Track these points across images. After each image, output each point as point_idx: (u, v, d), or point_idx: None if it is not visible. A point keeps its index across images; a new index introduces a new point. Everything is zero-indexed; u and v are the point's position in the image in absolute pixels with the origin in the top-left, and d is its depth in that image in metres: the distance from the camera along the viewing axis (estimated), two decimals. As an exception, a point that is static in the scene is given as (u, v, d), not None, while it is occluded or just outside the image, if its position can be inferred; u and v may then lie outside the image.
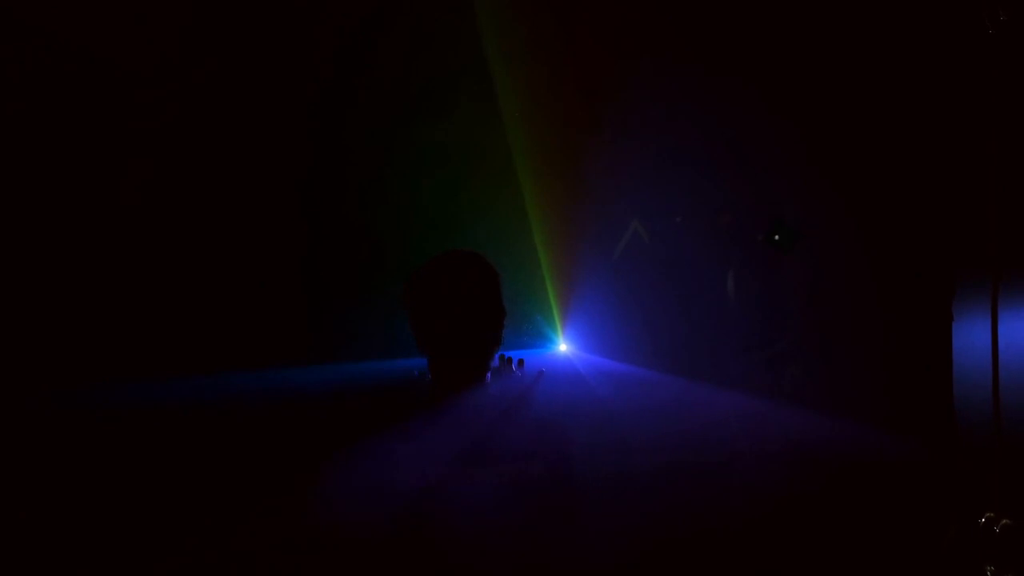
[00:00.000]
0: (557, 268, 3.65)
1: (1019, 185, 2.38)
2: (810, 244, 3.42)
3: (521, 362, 2.47)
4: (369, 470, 2.65)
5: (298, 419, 2.92)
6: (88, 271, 2.74)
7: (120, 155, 2.78)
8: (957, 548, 2.44)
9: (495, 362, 2.19)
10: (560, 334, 3.67)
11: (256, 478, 2.79)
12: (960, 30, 2.57)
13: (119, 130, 2.76)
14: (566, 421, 2.25)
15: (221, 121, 2.91)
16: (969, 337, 2.67)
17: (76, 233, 2.72)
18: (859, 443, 2.98)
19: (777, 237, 3.44)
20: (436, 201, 3.29)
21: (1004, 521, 2.37)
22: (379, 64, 3.15)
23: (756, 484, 3.01)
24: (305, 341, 3.04)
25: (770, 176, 3.45)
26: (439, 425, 2.37)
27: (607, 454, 2.84)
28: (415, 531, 2.10)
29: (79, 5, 2.60)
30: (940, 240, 2.85)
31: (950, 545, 2.47)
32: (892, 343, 3.05)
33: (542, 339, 3.67)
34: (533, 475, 2.15)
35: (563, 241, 3.63)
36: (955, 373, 2.71)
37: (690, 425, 3.15)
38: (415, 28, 3.20)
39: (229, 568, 2.67)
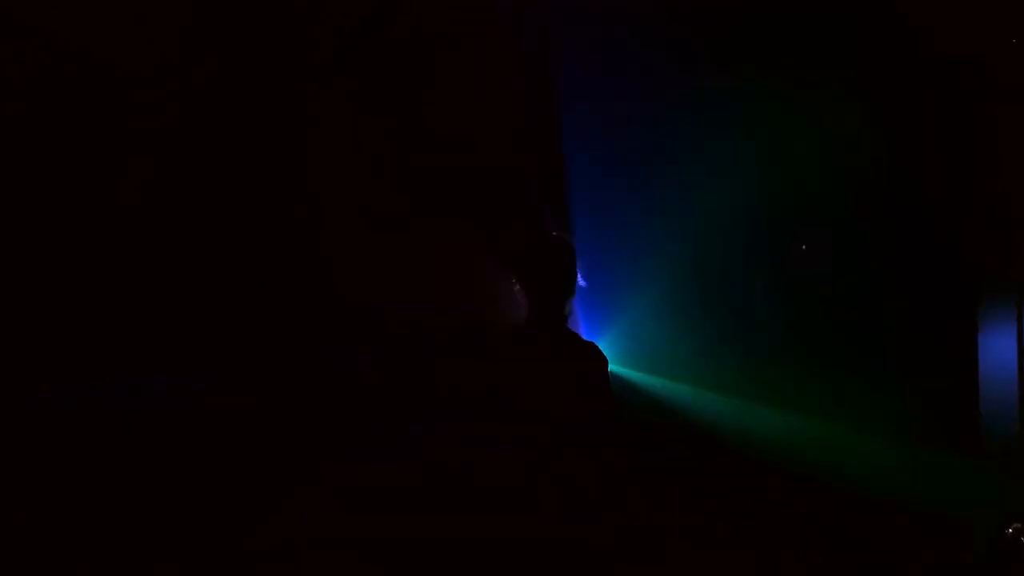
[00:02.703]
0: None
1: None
2: (831, 253, 3.38)
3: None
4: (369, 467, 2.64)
5: (299, 418, 2.91)
6: (88, 271, 2.74)
7: (120, 155, 2.78)
8: (983, 560, 2.40)
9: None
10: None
11: (256, 478, 2.78)
12: (985, 33, 2.56)
13: (119, 130, 2.76)
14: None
15: (221, 121, 2.90)
16: (994, 347, 2.64)
17: (76, 233, 2.72)
18: (881, 454, 2.94)
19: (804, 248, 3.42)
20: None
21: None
22: (379, 64, 3.14)
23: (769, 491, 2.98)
24: (306, 340, 3.03)
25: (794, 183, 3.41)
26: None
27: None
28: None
29: (79, 5, 2.60)
30: (965, 250, 2.81)
31: (976, 556, 2.43)
32: (915, 353, 3.00)
33: None
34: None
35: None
36: (981, 382, 2.67)
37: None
38: (415, 28, 3.20)
39: (229, 568, 2.66)
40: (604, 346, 2.45)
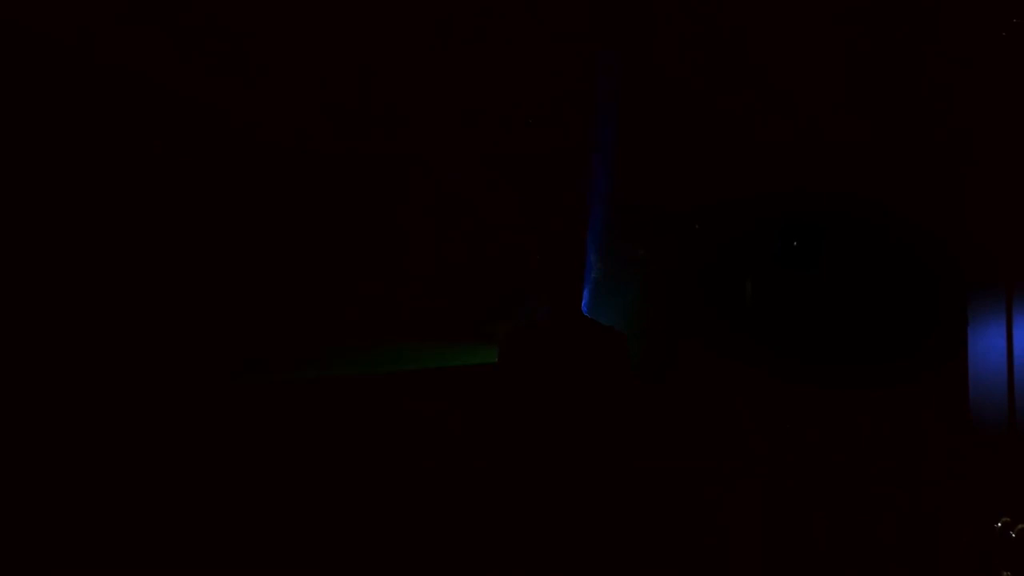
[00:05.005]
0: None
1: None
2: (822, 247, 3.37)
3: None
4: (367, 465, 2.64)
5: (300, 417, 2.92)
6: (88, 271, 2.74)
7: (120, 155, 2.78)
8: (972, 553, 2.39)
9: None
10: None
11: (256, 478, 2.79)
12: (973, 30, 2.54)
13: (119, 130, 2.77)
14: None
15: (221, 121, 2.91)
16: (983, 339, 2.63)
17: (76, 233, 2.73)
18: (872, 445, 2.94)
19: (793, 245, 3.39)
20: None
21: (1020, 526, 2.31)
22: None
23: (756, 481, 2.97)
24: (307, 340, 3.03)
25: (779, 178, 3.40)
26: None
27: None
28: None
29: (79, 5, 2.60)
30: (953, 242, 2.81)
31: (965, 550, 2.42)
32: (904, 345, 3.00)
33: None
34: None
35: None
36: (970, 374, 2.67)
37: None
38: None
39: (230, 568, 2.67)
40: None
